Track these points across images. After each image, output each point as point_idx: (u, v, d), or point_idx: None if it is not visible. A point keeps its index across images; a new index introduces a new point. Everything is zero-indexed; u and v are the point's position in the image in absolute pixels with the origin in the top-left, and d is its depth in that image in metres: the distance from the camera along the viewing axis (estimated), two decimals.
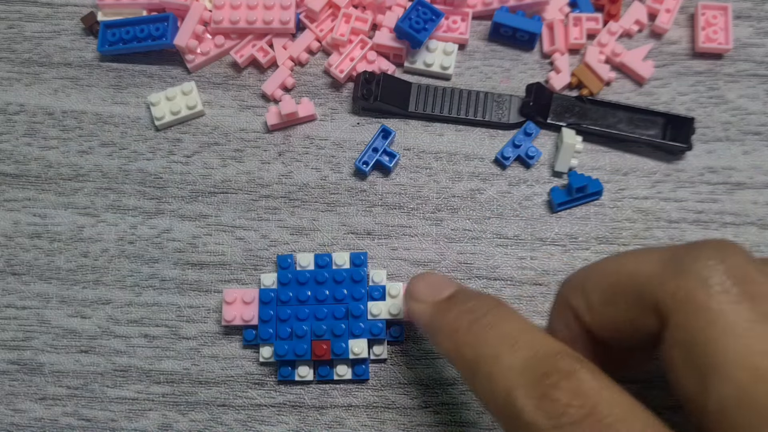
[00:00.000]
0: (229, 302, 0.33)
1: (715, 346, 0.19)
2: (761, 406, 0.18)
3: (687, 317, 0.20)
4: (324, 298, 0.32)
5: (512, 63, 0.39)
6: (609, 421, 0.19)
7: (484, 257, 0.35)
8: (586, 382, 0.20)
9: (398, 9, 0.38)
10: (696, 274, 0.20)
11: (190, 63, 0.38)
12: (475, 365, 0.23)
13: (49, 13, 0.40)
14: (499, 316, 0.24)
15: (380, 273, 0.33)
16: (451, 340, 0.25)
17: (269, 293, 0.33)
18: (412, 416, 0.32)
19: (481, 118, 0.37)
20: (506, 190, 0.36)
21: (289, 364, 0.32)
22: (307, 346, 0.32)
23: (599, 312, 0.24)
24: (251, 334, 0.33)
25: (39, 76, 0.39)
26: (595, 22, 0.38)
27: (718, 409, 0.19)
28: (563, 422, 0.19)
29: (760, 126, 0.37)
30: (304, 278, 0.33)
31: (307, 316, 0.32)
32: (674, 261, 0.21)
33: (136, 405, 0.33)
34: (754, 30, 0.39)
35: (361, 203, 0.36)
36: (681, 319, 0.20)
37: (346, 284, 0.33)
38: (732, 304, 0.19)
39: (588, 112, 0.36)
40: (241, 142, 0.37)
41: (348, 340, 0.32)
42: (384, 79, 0.36)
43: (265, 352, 0.32)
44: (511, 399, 0.21)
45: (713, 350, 0.19)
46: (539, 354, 0.21)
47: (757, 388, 0.18)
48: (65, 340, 0.34)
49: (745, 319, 0.19)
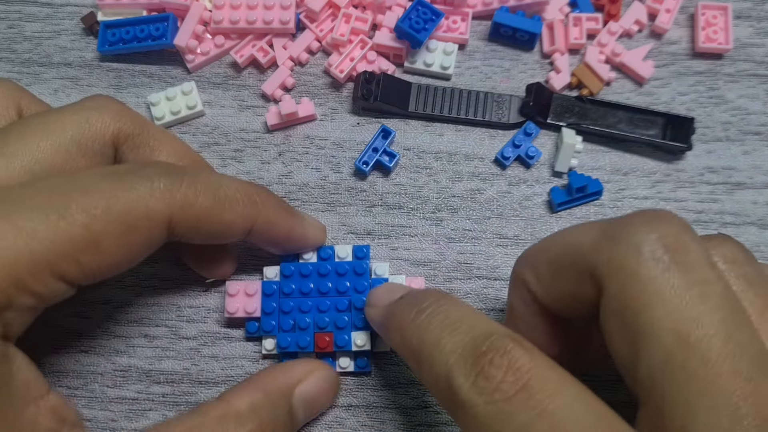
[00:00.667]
0: (232, 294, 0.33)
1: (644, 313, 0.20)
2: (687, 371, 0.18)
3: (619, 285, 0.20)
4: (327, 290, 0.32)
5: (512, 63, 0.39)
6: (540, 396, 0.19)
7: (484, 257, 0.35)
8: (519, 358, 0.20)
9: (398, 9, 0.38)
10: (629, 242, 0.21)
11: (190, 63, 0.38)
12: (419, 353, 0.23)
13: (49, 13, 0.40)
14: (442, 305, 0.24)
15: (382, 266, 0.33)
16: (399, 333, 0.25)
17: (272, 285, 0.33)
18: (412, 416, 0.32)
19: (481, 118, 0.37)
20: (506, 190, 0.36)
21: (292, 356, 0.32)
22: (310, 338, 0.32)
23: (547, 284, 0.24)
24: (254, 326, 0.33)
25: (39, 76, 0.39)
26: (595, 22, 0.38)
27: (648, 375, 0.19)
28: (496, 398, 0.20)
29: (760, 126, 0.37)
30: (307, 270, 0.33)
31: (309, 308, 0.32)
32: (611, 230, 0.22)
33: (136, 405, 0.33)
34: (754, 30, 0.39)
35: (361, 203, 0.36)
36: (614, 288, 0.21)
37: (349, 277, 0.33)
38: (663, 271, 0.20)
39: (588, 112, 0.36)
40: (241, 142, 0.37)
41: (351, 332, 0.32)
42: (384, 79, 0.36)
43: (268, 344, 0.32)
44: (450, 380, 0.21)
45: (643, 317, 0.20)
46: (477, 335, 0.22)
47: (683, 354, 0.19)
48: (65, 340, 0.34)
49: (674, 287, 0.19)
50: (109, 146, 0.29)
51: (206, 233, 0.28)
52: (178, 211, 0.26)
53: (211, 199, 0.27)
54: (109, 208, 0.24)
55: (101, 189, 0.24)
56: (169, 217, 0.26)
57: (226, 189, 0.28)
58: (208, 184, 0.27)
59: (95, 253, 0.24)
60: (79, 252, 0.24)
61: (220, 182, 0.28)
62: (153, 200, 0.25)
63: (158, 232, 0.26)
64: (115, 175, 0.25)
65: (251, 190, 0.29)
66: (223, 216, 0.28)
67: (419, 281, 0.33)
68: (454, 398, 0.21)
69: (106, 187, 0.24)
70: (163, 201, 0.25)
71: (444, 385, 0.22)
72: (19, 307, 0.23)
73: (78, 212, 0.23)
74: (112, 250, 0.25)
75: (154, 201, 0.25)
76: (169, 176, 0.26)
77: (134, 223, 0.25)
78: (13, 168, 0.26)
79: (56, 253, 0.23)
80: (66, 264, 0.23)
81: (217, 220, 0.27)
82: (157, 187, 0.25)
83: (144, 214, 0.25)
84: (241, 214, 0.28)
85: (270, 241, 0.31)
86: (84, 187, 0.24)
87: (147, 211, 0.25)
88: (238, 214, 0.28)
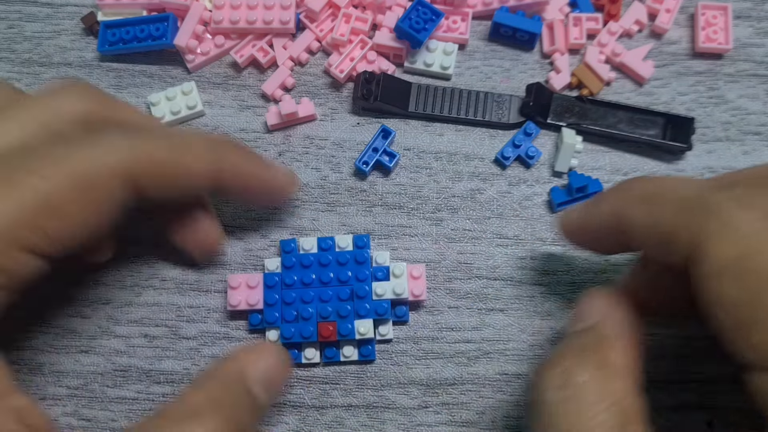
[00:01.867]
0: (234, 287, 0.33)
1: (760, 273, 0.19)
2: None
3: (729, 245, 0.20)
4: (328, 280, 0.33)
5: (512, 63, 0.39)
6: None
7: (484, 257, 0.35)
8: None
9: (398, 9, 0.38)
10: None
11: (190, 63, 0.38)
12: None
13: (49, 13, 0.40)
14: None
15: (383, 254, 0.33)
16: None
17: (274, 277, 0.33)
18: (412, 416, 0.32)
19: (481, 118, 0.37)
20: (506, 190, 0.36)
21: (296, 346, 0.32)
22: (313, 328, 0.32)
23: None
24: (257, 318, 0.33)
25: (39, 76, 0.39)
26: (595, 22, 0.38)
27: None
28: None
29: (760, 126, 0.37)
30: (308, 261, 0.33)
31: (312, 298, 0.32)
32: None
33: (136, 405, 0.33)
34: (754, 30, 0.39)
35: (361, 203, 0.36)
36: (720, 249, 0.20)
37: (350, 266, 0.33)
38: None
39: (588, 112, 0.36)
40: (241, 142, 0.37)
41: (354, 320, 0.32)
42: (384, 79, 0.36)
43: (271, 336, 0.32)
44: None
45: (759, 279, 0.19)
46: None
47: None
48: (65, 340, 0.34)
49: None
50: (78, 128, 0.28)
51: (171, 183, 0.27)
52: (136, 164, 0.26)
53: (167, 146, 0.27)
54: (64, 171, 0.24)
55: (53, 154, 0.24)
56: (128, 171, 0.25)
57: (184, 136, 0.28)
58: (165, 135, 0.27)
59: (58, 218, 0.24)
60: (40, 218, 0.23)
61: (179, 132, 0.28)
62: (108, 156, 0.25)
63: (120, 188, 0.25)
64: (62, 139, 0.25)
65: (212, 137, 0.29)
66: (184, 160, 0.27)
67: (420, 268, 0.33)
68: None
69: (59, 152, 0.24)
70: (119, 155, 0.25)
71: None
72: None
73: (32, 178, 0.23)
74: (75, 212, 0.24)
75: (110, 156, 0.25)
76: (123, 133, 0.26)
77: (93, 181, 0.24)
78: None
79: (17, 223, 0.23)
80: (30, 233, 0.23)
81: (180, 167, 0.27)
82: (110, 143, 0.25)
83: (100, 171, 0.25)
84: (203, 158, 0.28)
85: (241, 187, 0.31)
86: (37, 154, 0.24)
87: (103, 167, 0.25)
88: (199, 157, 0.28)
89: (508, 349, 0.33)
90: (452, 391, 0.33)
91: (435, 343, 0.33)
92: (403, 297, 0.32)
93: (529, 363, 0.33)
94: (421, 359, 0.33)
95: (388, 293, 0.32)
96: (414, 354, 0.33)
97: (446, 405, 0.32)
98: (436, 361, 0.33)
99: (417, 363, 0.33)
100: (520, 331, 0.33)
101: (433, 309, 0.34)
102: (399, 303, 0.33)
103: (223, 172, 0.29)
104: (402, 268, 0.33)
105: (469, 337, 0.33)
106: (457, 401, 0.32)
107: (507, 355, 0.33)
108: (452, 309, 0.34)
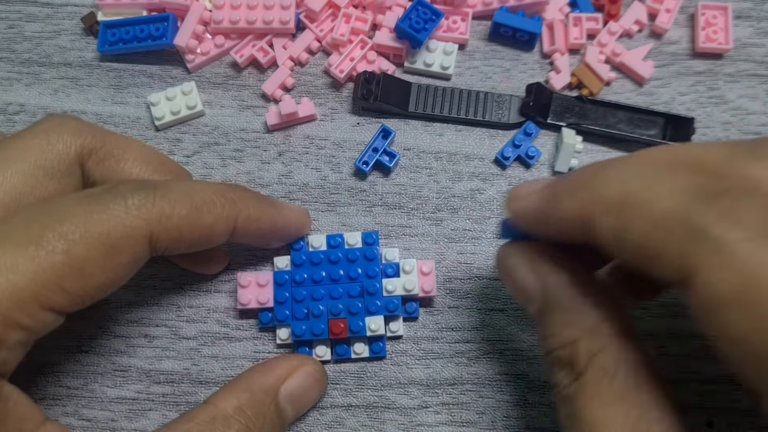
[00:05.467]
0: (244, 286, 0.33)
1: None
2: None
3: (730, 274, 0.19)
4: (338, 277, 0.33)
5: (512, 63, 0.39)
6: None
7: (484, 257, 0.35)
8: None
9: (398, 9, 0.38)
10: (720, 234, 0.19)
11: (190, 63, 0.38)
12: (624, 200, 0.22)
13: (49, 13, 0.40)
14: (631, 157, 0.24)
15: (392, 251, 0.33)
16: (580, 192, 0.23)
17: (284, 275, 0.33)
18: (412, 416, 0.32)
19: (481, 118, 0.37)
20: (506, 190, 0.36)
21: (307, 344, 0.32)
22: (324, 325, 0.32)
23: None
24: (267, 317, 0.33)
25: (39, 76, 0.39)
26: (595, 22, 0.38)
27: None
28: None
29: (760, 126, 0.37)
30: (318, 258, 0.33)
31: (322, 295, 0.32)
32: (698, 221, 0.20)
33: (136, 405, 0.33)
34: (754, 30, 0.39)
35: (361, 203, 0.36)
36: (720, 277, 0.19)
37: (360, 263, 0.33)
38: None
39: (588, 112, 0.36)
40: (241, 142, 0.37)
41: (364, 317, 0.32)
42: (384, 79, 0.36)
43: (282, 334, 0.32)
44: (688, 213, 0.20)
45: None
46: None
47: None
48: (65, 340, 0.34)
49: None
50: (75, 164, 0.29)
51: (190, 241, 0.28)
52: (156, 225, 0.26)
53: (187, 206, 0.27)
54: (86, 232, 0.24)
55: (76, 214, 0.24)
56: (149, 233, 0.26)
57: (201, 193, 0.28)
58: (182, 193, 0.27)
59: (79, 278, 0.24)
60: (62, 279, 0.24)
61: (194, 188, 0.28)
62: (129, 218, 0.25)
63: (141, 249, 0.26)
64: (87, 198, 0.25)
65: (226, 189, 0.29)
66: (203, 220, 0.27)
67: (430, 264, 0.33)
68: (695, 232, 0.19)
69: (80, 212, 0.25)
70: (140, 217, 0.25)
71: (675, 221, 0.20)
72: (10, 343, 0.23)
73: (56, 240, 0.24)
74: (97, 272, 0.25)
75: (131, 218, 0.25)
76: (141, 192, 0.26)
77: (115, 243, 0.25)
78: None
79: (40, 283, 0.23)
80: (51, 293, 0.24)
81: (198, 226, 0.27)
82: (131, 204, 0.25)
83: (122, 233, 0.25)
84: (221, 215, 0.28)
85: (255, 235, 0.31)
86: (58, 214, 0.24)
87: (125, 229, 0.25)
88: (217, 215, 0.28)
89: (508, 349, 0.33)
90: (452, 391, 0.33)
91: (435, 343, 0.33)
92: (414, 293, 0.32)
93: (529, 363, 0.33)
94: (421, 359, 0.33)
95: (399, 290, 0.32)
96: (414, 354, 0.33)
97: (446, 405, 0.32)
98: (436, 361, 0.33)
99: (417, 363, 0.33)
100: (520, 331, 0.33)
101: (433, 309, 0.34)
102: (409, 299, 0.33)
103: (240, 224, 0.29)
104: (412, 264, 0.33)
105: (469, 337, 0.33)
106: (457, 401, 0.32)
107: (507, 355, 0.33)
108: (452, 309, 0.34)
